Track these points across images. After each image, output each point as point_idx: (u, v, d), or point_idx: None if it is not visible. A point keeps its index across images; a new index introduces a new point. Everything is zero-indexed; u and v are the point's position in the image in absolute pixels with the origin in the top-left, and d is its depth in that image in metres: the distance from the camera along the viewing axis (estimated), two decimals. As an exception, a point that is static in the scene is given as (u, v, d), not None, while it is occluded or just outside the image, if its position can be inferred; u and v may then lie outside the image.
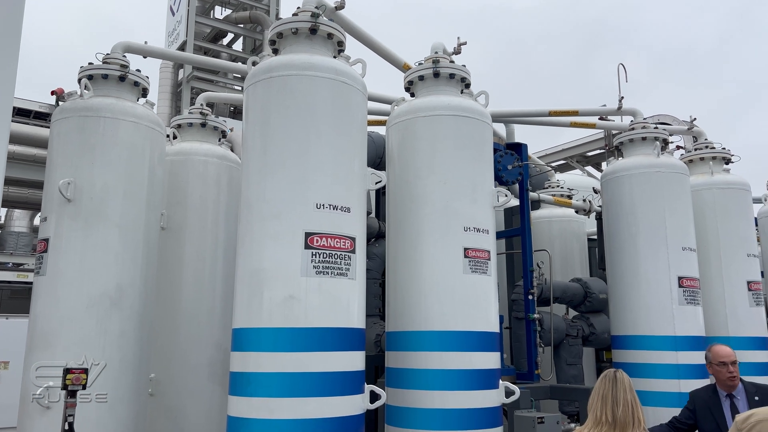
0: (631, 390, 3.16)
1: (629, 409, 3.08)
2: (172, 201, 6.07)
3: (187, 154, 6.30)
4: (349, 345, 4.31)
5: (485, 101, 5.74)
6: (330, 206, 4.37)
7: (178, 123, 6.61)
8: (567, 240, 9.12)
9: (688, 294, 6.53)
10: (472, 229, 5.18)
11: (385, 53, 6.31)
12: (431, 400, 4.81)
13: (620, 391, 3.12)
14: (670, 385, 6.29)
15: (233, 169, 6.41)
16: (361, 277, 4.54)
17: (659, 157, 6.85)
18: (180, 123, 6.59)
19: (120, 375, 4.92)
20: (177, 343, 5.85)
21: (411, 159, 5.37)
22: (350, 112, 4.68)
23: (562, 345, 7.53)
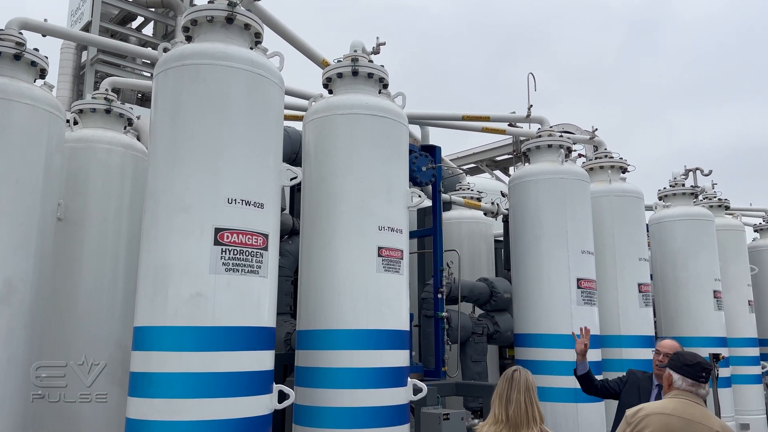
0: (528, 390, 3.26)
1: (521, 409, 3.19)
2: (72, 191, 5.69)
3: (89, 141, 5.92)
4: (258, 344, 4.22)
5: (402, 102, 5.81)
6: (242, 201, 4.26)
7: (79, 108, 6.20)
8: (475, 241, 9.41)
9: (586, 295, 6.93)
10: (387, 228, 5.23)
11: (303, 48, 6.24)
12: (341, 399, 4.81)
13: (514, 392, 3.23)
14: (566, 381, 6.62)
15: (139, 160, 6.10)
16: (273, 275, 4.47)
17: (563, 164, 7.22)
18: (82, 108, 6.18)
19: (6, 375, 4.56)
20: (74, 341, 5.49)
21: (328, 156, 5.35)
22: (266, 106, 4.58)
23: (468, 342, 7.77)
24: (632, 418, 3.17)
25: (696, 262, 8.73)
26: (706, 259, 8.78)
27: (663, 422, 3.04)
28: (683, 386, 3.18)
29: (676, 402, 3.15)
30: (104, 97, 6.27)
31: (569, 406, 6.53)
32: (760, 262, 10.89)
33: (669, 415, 3.07)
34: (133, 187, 5.99)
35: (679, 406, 3.11)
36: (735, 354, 9.09)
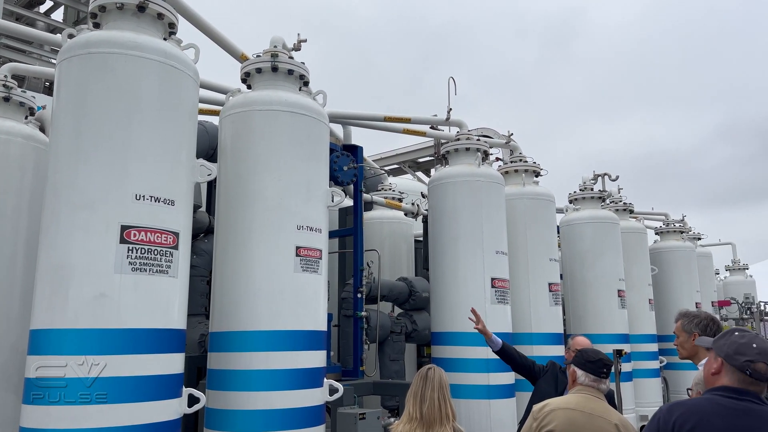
0: (441, 388, 3.35)
1: (435, 407, 3.27)
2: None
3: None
4: (167, 347, 4.06)
5: (323, 101, 5.77)
6: (151, 198, 4.09)
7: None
8: (396, 241, 9.50)
9: (499, 294, 7.15)
10: (305, 227, 5.18)
11: (222, 41, 6.07)
12: (254, 401, 4.71)
13: (428, 390, 3.31)
14: (480, 378, 6.83)
15: (42, 152, 5.70)
16: (184, 275, 4.31)
17: (480, 167, 7.42)
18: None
19: None
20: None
21: (245, 153, 5.23)
22: (179, 99, 4.42)
23: (387, 341, 7.83)
24: (539, 413, 3.31)
25: (602, 263, 9.21)
26: (611, 260, 9.28)
27: (567, 416, 3.19)
28: (586, 382, 3.35)
29: (579, 397, 3.31)
30: (2, 83, 5.84)
31: (482, 403, 6.72)
32: (660, 263, 11.65)
33: (573, 409, 3.22)
34: (34, 182, 5.60)
35: (582, 401, 3.27)
36: (636, 350, 9.67)
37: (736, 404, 2.36)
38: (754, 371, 2.38)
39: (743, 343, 2.45)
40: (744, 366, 2.39)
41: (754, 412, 2.34)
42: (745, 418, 2.32)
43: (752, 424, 2.32)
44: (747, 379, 2.39)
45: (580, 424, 3.14)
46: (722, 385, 2.44)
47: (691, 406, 2.44)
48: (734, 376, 2.42)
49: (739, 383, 2.40)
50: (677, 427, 2.36)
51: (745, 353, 2.41)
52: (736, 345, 2.46)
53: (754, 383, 2.40)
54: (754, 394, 2.39)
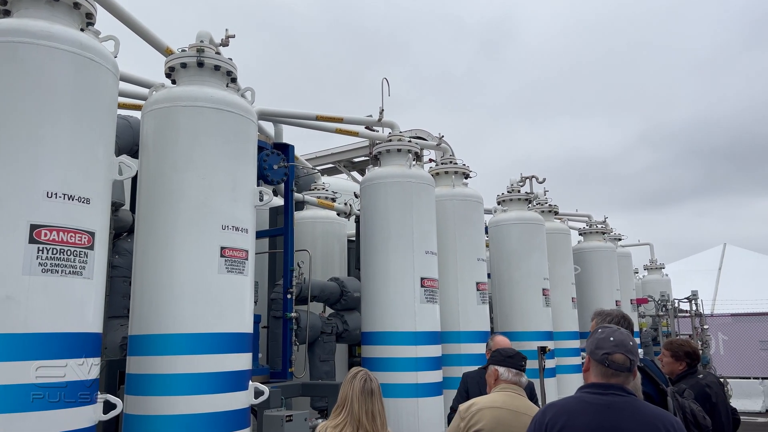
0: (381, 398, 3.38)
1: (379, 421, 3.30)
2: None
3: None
4: (80, 351, 3.88)
5: (251, 98, 5.67)
6: (64, 196, 3.89)
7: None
8: (329, 241, 9.46)
9: (428, 293, 7.25)
10: (231, 227, 5.07)
11: (145, 34, 5.85)
12: (176, 406, 4.57)
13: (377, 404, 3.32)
14: (409, 377, 6.90)
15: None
16: (101, 277, 4.14)
17: (411, 168, 7.50)
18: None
19: None
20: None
21: (168, 150, 5.07)
22: (96, 93, 4.23)
23: (317, 342, 7.78)
24: (466, 412, 3.37)
25: (528, 262, 9.50)
26: (537, 260, 9.59)
27: (494, 415, 3.27)
28: (510, 377, 3.45)
29: (504, 395, 3.40)
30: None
31: (410, 401, 6.79)
32: (583, 262, 12.14)
33: (499, 408, 3.31)
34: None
35: (508, 399, 3.36)
36: (560, 346, 10.03)
37: (599, 399, 2.50)
38: (612, 362, 2.53)
39: (602, 337, 2.60)
40: (603, 359, 2.54)
41: (616, 405, 2.48)
42: (607, 413, 2.46)
43: (613, 417, 2.45)
44: (608, 371, 2.53)
45: (507, 423, 3.24)
46: (590, 381, 2.59)
47: (561, 407, 2.59)
48: (598, 370, 2.57)
49: (603, 377, 2.54)
50: (549, 428, 2.51)
51: (603, 347, 2.56)
52: (597, 340, 2.62)
53: (615, 374, 2.53)
54: (617, 387, 2.53)
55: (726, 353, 19.05)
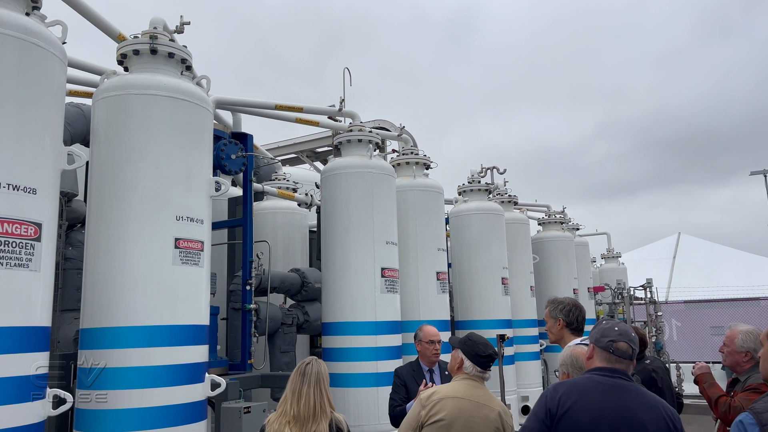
0: (318, 382, 3.31)
1: (310, 404, 3.25)
2: None
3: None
4: (27, 346, 3.77)
5: (207, 86, 5.58)
6: (8, 186, 3.76)
7: None
8: (290, 231, 9.40)
9: (389, 283, 7.28)
10: (185, 218, 4.99)
11: (96, 20, 5.67)
12: (129, 400, 4.49)
13: (305, 386, 3.28)
14: (369, 366, 6.93)
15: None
16: (48, 269, 4.02)
17: (371, 158, 7.49)
18: None
19: None
20: None
21: (120, 140, 4.94)
22: (43, 80, 4.09)
23: (277, 333, 7.74)
24: (427, 401, 3.38)
25: (488, 251, 9.62)
26: (497, 249, 9.72)
27: (456, 405, 3.30)
28: (473, 372, 3.47)
29: (465, 385, 3.42)
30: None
31: (371, 391, 6.83)
32: (541, 251, 12.37)
33: (461, 398, 3.34)
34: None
35: (469, 390, 3.39)
36: (518, 334, 10.22)
37: (608, 381, 2.71)
38: (616, 349, 2.75)
39: (607, 327, 2.83)
40: (608, 346, 2.76)
41: (624, 386, 2.70)
42: (617, 392, 2.67)
43: (623, 396, 2.66)
44: (612, 357, 2.75)
45: (468, 413, 3.27)
46: (596, 366, 2.79)
47: (573, 384, 2.77)
48: (603, 356, 2.78)
49: (608, 362, 2.76)
50: (562, 402, 2.67)
51: (608, 335, 2.79)
52: (602, 330, 2.84)
53: (620, 361, 2.75)
54: (622, 372, 2.74)
55: (679, 339, 19.68)
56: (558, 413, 2.66)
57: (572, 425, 2.62)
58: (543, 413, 2.71)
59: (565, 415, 2.64)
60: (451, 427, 3.22)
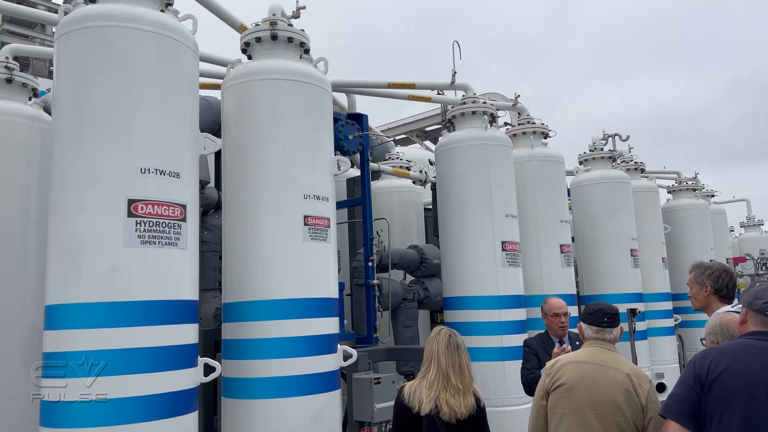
0: (463, 352, 3.46)
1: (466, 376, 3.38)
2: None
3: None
4: (179, 318, 4.10)
5: (324, 68, 5.71)
6: (156, 171, 4.08)
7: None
8: (405, 209, 9.49)
9: (510, 257, 7.13)
10: (312, 196, 5.17)
11: (219, 12, 6.00)
12: (269, 369, 4.77)
13: (464, 357, 3.41)
14: (493, 341, 6.86)
15: (47, 132, 5.73)
16: (193, 247, 4.33)
17: (487, 130, 7.34)
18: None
19: None
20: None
21: (247, 124, 5.20)
22: (179, 71, 4.38)
23: (400, 308, 7.87)
24: (550, 369, 3.35)
25: (614, 223, 9.14)
26: (623, 220, 9.20)
27: (577, 370, 3.21)
28: (590, 335, 3.37)
29: (588, 350, 3.33)
30: (5, 65, 5.84)
31: (496, 365, 6.76)
32: (673, 221, 11.54)
33: (583, 362, 3.24)
34: (41, 162, 5.64)
35: (592, 353, 3.29)
36: (650, 308, 9.65)
37: (764, 344, 2.52)
38: None
39: (761, 289, 2.65)
40: (763, 308, 2.57)
41: None
42: None
43: None
44: (767, 320, 2.56)
45: (590, 376, 3.16)
46: (750, 330, 2.61)
47: (724, 349, 2.61)
48: (757, 319, 2.60)
49: (764, 326, 2.57)
50: (712, 368, 2.51)
51: (762, 297, 2.60)
52: (755, 292, 2.66)
53: None
54: None
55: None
56: (708, 379, 2.49)
57: (724, 391, 2.45)
58: (692, 380, 2.55)
59: (716, 380, 2.47)
60: (573, 391, 3.13)
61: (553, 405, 3.22)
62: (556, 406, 3.20)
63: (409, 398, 3.40)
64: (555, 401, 3.22)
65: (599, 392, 3.09)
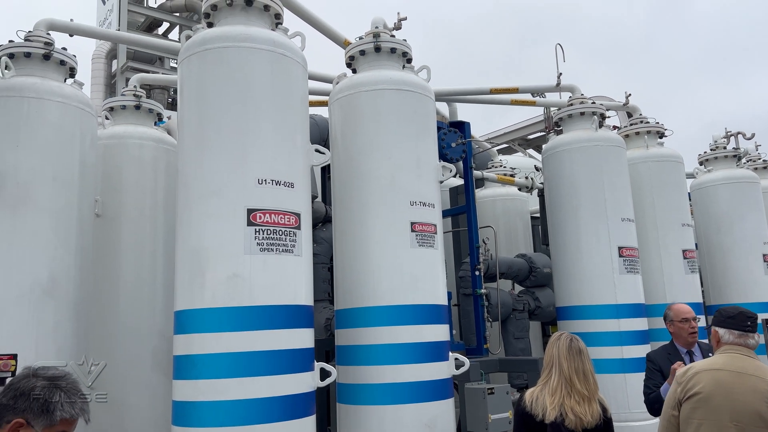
0: (588, 357, 3.28)
1: (590, 383, 3.20)
2: (107, 187, 5.80)
3: (121, 137, 6.02)
4: (296, 322, 4.22)
5: (427, 76, 5.73)
6: (272, 181, 4.26)
7: (110, 106, 6.31)
8: (511, 218, 9.27)
9: (628, 263, 6.74)
10: (418, 203, 5.17)
11: (325, 29, 6.21)
12: (383, 375, 4.78)
13: (587, 363, 3.24)
14: (613, 352, 6.49)
15: (171, 153, 6.17)
16: (308, 254, 4.46)
17: (597, 131, 7.03)
18: (113, 106, 6.29)
19: (56, 367, 4.66)
20: (117, 333, 5.61)
21: (354, 135, 5.31)
22: (290, 85, 4.57)
23: (509, 319, 7.65)
24: (682, 377, 3.10)
25: (742, 226, 8.39)
26: (753, 222, 8.43)
27: (712, 377, 2.96)
28: (731, 339, 3.10)
29: (725, 356, 3.06)
30: (133, 93, 6.36)
31: (617, 377, 6.38)
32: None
33: (718, 369, 2.99)
34: (166, 180, 6.07)
35: (729, 360, 3.02)
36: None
37: None
38: None
39: None
40: None
41: None
42: None
43: None
44: None
45: (728, 385, 2.90)
46: None
47: None
48: None
49: None
50: None
51: None
52: None
53: None
54: None
55: None
56: None
57: None
58: None
59: None
60: (710, 401, 2.88)
61: (686, 415, 2.98)
62: (691, 417, 2.95)
63: (531, 405, 3.26)
64: (689, 411, 2.97)
65: (739, 402, 2.82)
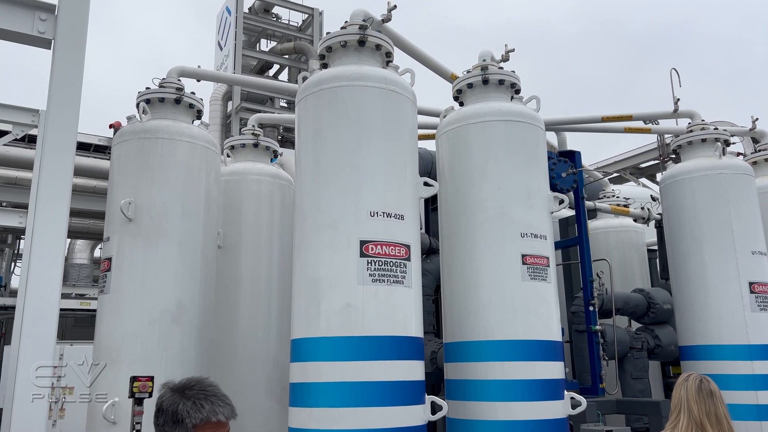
0: (721, 400, 3.01)
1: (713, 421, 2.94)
2: (228, 219, 6.18)
3: (241, 173, 6.42)
4: (408, 354, 4.23)
5: (537, 106, 5.65)
6: (383, 214, 4.35)
7: (231, 144, 6.77)
8: (625, 251, 8.79)
9: (761, 300, 6.18)
10: (529, 235, 5.06)
11: (432, 64, 6.32)
12: (494, 412, 4.65)
13: (721, 406, 2.98)
14: (747, 396, 5.92)
15: (285, 188, 6.49)
16: (417, 285, 4.48)
17: (721, 158, 6.58)
18: (233, 144, 6.74)
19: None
20: (235, 359, 5.89)
21: (463, 166, 5.32)
22: (400, 120, 4.68)
23: (627, 358, 7.21)
24: None
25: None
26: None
27: None
28: None
29: None
30: (251, 132, 6.78)
31: (752, 425, 5.80)
32: None
33: None
34: (281, 214, 6.38)
35: None
36: None
37: None
38: None
39: None
40: None
41: None
42: None
43: None
44: None
45: None
46: None
47: None
48: None
49: None
50: None
51: None
52: None
53: None
54: None
55: None
56: None
57: None
58: None
59: None
60: None
61: None
62: None
63: None
64: None
65: None
